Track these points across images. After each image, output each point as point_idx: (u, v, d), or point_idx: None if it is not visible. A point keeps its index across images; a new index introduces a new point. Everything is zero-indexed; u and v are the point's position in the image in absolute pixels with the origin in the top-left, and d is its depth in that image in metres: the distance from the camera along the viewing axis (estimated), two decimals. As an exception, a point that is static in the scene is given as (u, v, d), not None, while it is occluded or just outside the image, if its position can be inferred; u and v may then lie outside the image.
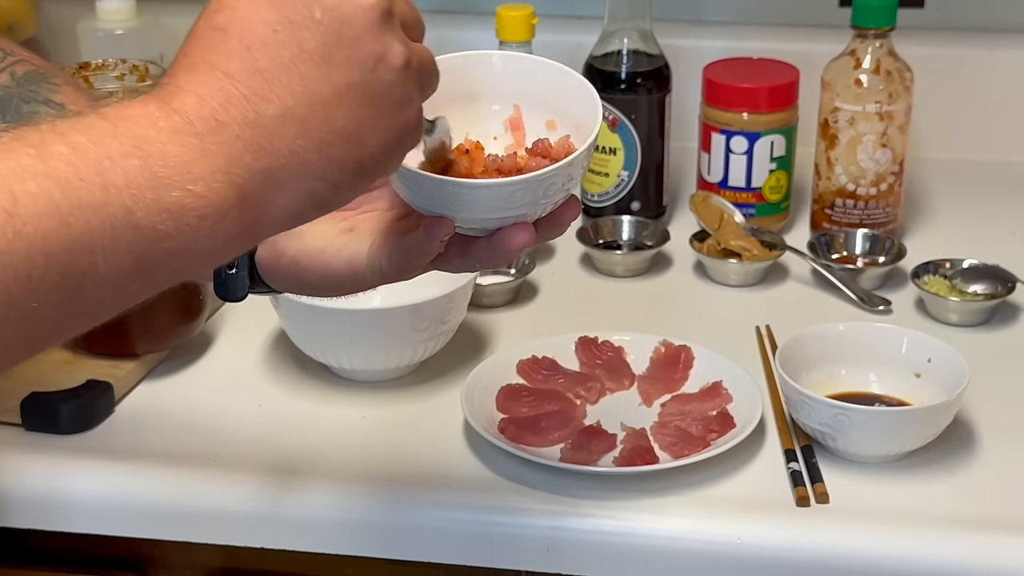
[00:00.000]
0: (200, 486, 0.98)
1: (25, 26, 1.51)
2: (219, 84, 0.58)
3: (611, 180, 1.33)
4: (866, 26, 1.26)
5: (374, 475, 0.98)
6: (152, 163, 0.56)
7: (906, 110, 1.28)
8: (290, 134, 0.59)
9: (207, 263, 0.60)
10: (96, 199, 0.54)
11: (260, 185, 0.59)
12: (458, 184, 0.71)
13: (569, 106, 0.77)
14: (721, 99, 1.31)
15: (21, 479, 0.99)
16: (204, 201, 0.57)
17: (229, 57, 0.58)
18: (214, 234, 0.58)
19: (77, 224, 0.54)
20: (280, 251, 0.77)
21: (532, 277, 1.25)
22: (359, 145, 0.61)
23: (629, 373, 1.09)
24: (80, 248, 0.54)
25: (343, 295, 0.80)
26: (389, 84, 0.61)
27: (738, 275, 1.25)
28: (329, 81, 0.59)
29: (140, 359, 1.09)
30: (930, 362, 1.04)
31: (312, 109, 0.59)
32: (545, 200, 0.73)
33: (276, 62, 0.58)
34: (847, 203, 1.30)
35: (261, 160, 0.58)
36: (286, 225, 0.62)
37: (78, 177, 0.54)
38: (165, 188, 0.56)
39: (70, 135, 0.55)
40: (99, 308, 0.57)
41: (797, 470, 0.97)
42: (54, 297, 0.54)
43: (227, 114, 0.58)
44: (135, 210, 0.55)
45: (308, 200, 0.61)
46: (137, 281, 0.57)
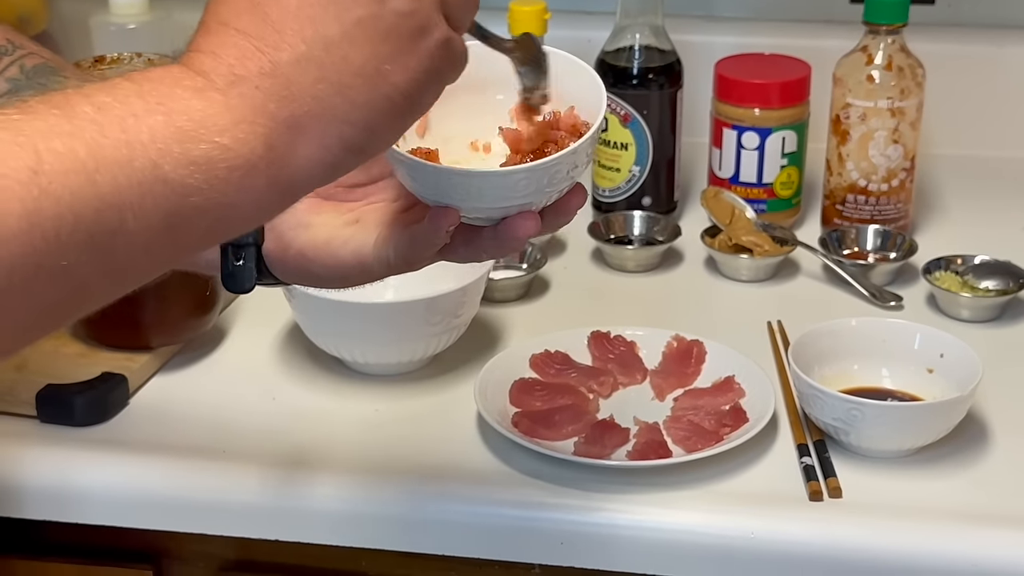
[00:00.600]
0: (214, 478, 0.99)
1: (37, 20, 1.52)
2: (232, 40, 0.58)
3: (622, 175, 1.34)
4: (878, 22, 1.26)
5: (387, 468, 0.99)
6: (176, 118, 0.56)
7: (918, 106, 1.28)
8: (309, 79, 0.58)
9: (239, 220, 0.60)
10: (122, 155, 0.54)
11: (285, 133, 0.58)
12: (462, 173, 0.72)
13: (575, 95, 0.77)
14: (733, 95, 1.32)
15: (36, 471, 1.00)
16: (231, 152, 0.57)
17: (239, 14, 0.59)
18: (244, 187, 0.58)
19: (104, 181, 0.54)
20: (287, 243, 0.77)
21: (543, 272, 1.25)
22: (384, 82, 0.60)
23: (641, 367, 1.09)
24: (108, 206, 0.54)
25: (350, 286, 0.80)
26: (400, 15, 0.60)
27: (749, 271, 1.25)
28: (338, 21, 0.59)
29: (154, 352, 1.10)
30: (943, 357, 1.04)
31: (327, 51, 0.59)
32: (550, 188, 0.73)
33: (284, 10, 0.58)
34: (858, 199, 1.30)
35: (284, 108, 0.58)
36: (320, 176, 0.61)
37: (103, 135, 0.54)
38: (192, 141, 0.56)
39: (95, 96, 0.55)
40: (131, 269, 0.57)
41: (810, 464, 0.97)
42: (84, 256, 0.54)
43: (243, 67, 0.58)
44: (162, 164, 0.55)
45: (339, 145, 0.60)
46: (169, 239, 0.57)
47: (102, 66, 1.20)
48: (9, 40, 0.85)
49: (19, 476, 1.00)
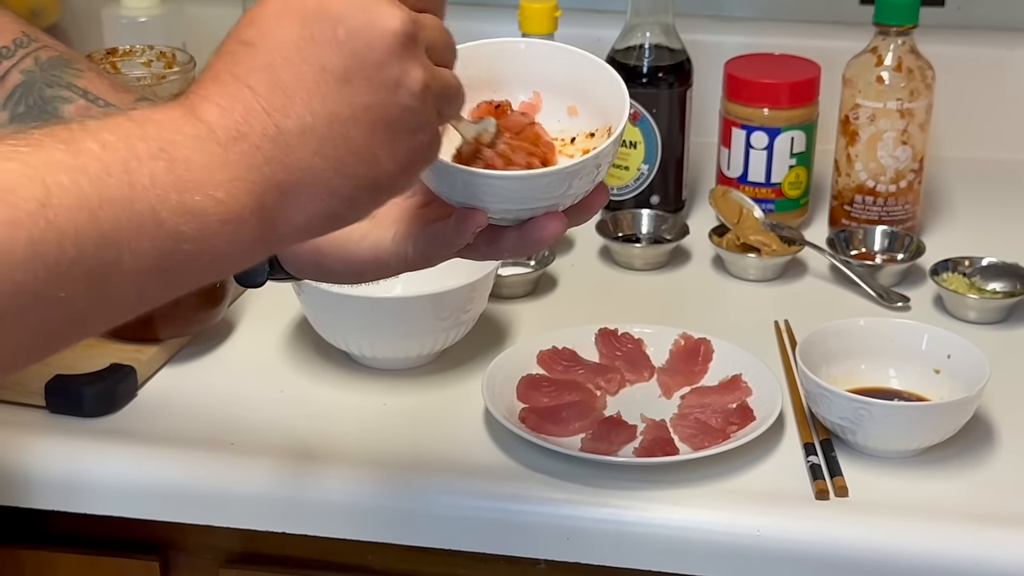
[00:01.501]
0: (221, 470, 0.99)
1: (49, 12, 1.52)
2: (242, 96, 0.60)
3: (631, 174, 1.34)
4: (888, 23, 1.26)
5: (394, 462, 0.99)
6: (177, 167, 0.57)
7: (927, 108, 1.28)
8: (308, 150, 0.60)
9: (227, 267, 0.62)
10: (124, 195, 0.56)
11: (277, 197, 0.60)
12: (491, 176, 0.72)
13: (593, 93, 0.77)
14: (742, 94, 1.32)
15: (44, 461, 1.00)
16: (224, 207, 0.58)
17: (253, 71, 0.60)
18: (233, 240, 0.59)
19: (106, 218, 0.55)
20: None
21: (551, 269, 1.25)
22: (375, 165, 0.62)
23: (649, 365, 1.10)
24: (108, 242, 0.55)
25: (366, 282, 0.80)
26: (406, 109, 0.62)
27: (757, 270, 1.26)
28: (347, 102, 0.61)
29: (163, 344, 1.10)
30: (950, 358, 1.04)
31: (330, 127, 0.60)
32: (577, 189, 0.73)
33: (297, 79, 0.60)
34: (866, 200, 1.30)
35: (279, 172, 0.60)
36: (302, 237, 0.64)
37: (107, 173, 0.55)
38: (189, 191, 0.57)
39: (100, 133, 0.57)
40: (122, 304, 0.59)
41: (816, 464, 0.97)
42: (80, 289, 0.55)
43: (248, 126, 0.59)
44: (160, 210, 0.56)
45: (323, 214, 0.63)
46: (159, 281, 0.59)
47: (114, 58, 1.20)
48: (24, 33, 0.85)
49: (27, 466, 1.00)
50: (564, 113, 0.78)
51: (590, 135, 0.77)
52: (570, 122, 0.78)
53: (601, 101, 0.76)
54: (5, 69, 0.83)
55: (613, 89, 0.76)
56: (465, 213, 0.73)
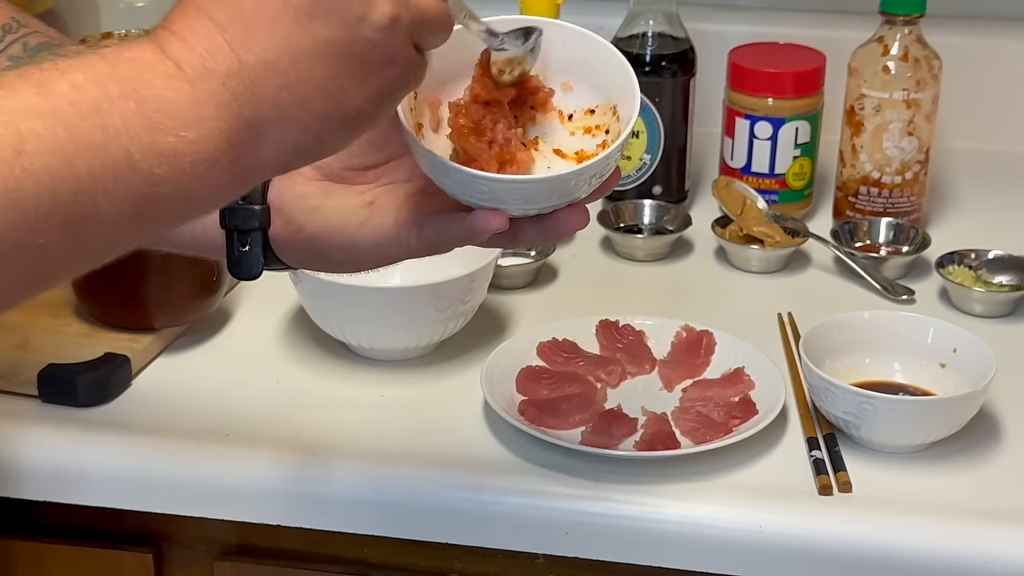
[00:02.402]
0: (216, 462, 0.98)
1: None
2: (206, 31, 0.59)
3: (633, 163, 1.32)
4: (895, 12, 1.24)
5: (392, 454, 0.98)
6: (147, 107, 0.57)
7: (933, 98, 1.26)
8: (272, 86, 0.60)
9: (201, 208, 0.62)
10: (98, 140, 0.55)
11: (246, 134, 0.60)
12: (512, 180, 0.71)
13: (590, 69, 0.76)
14: (746, 84, 1.30)
15: (37, 451, 0.99)
16: (195, 148, 0.58)
17: (218, 4, 0.59)
18: (206, 180, 0.59)
19: (81, 164, 0.55)
20: (298, 226, 0.76)
21: (552, 259, 1.24)
22: (343, 99, 0.61)
23: (650, 357, 1.08)
24: (84, 188, 0.55)
25: (365, 270, 0.79)
26: (372, 43, 0.61)
27: (760, 261, 1.24)
28: (310, 37, 0.60)
29: (158, 333, 1.09)
30: (955, 352, 1.03)
31: (293, 63, 0.60)
32: (597, 182, 0.72)
33: (260, 13, 0.59)
34: (871, 191, 1.29)
35: (247, 109, 0.59)
36: (275, 172, 0.64)
37: (80, 117, 0.55)
38: (160, 133, 0.57)
39: (71, 73, 0.56)
40: (101, 248, 0.59)
41: (820, 458, 0.96)
42: (58, 235, 0.55)
43: (213, 61, 0.59)
44: (133, 153, 0.56)
45: (294, 150, 0.62)
46: (136, 223, 0.58)
47: (108, 42, 1.18)
48: (14, 19, 0.84)
49: (20, 456, 0.99)
50: (558, 88, 0.76)
51: (590, 111, 0.76)
52: (565, 98, 0.76)
53: (599, 78, 0.75)
54: None
55: (615, 67, 0.74)
56: (486, 215, 0.71)
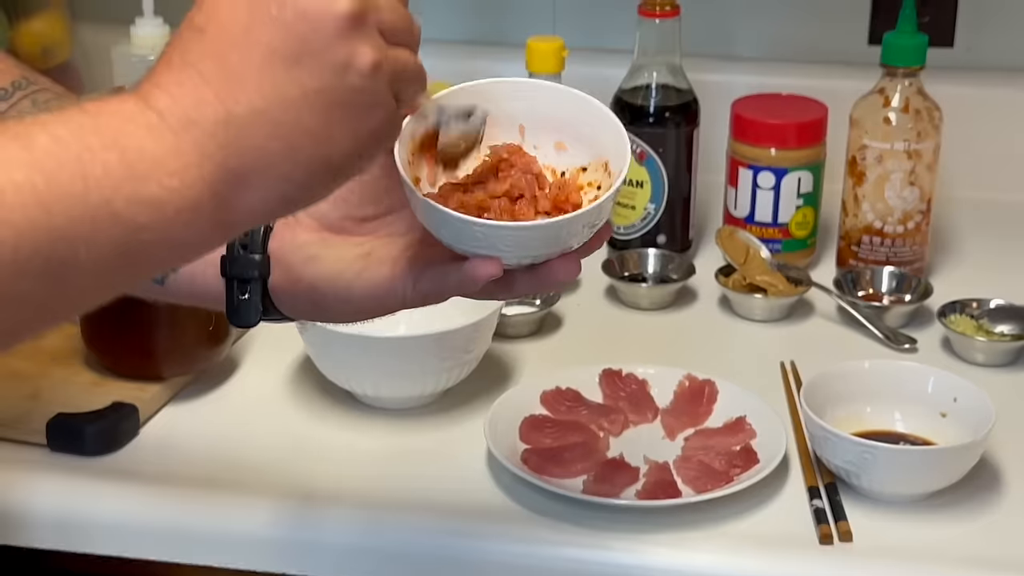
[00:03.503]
0: (222, 510, 0.98)
1: (60, 50, 1.53)
2: (193, 83, 0.60)
3: (637, 213, 1.34)
4: (896, 64, 1.26)
5: (396, 503, 0.98)
6: (129, 156, 0.58)
7: (934, 149, 1.28)
8: (260, 134, 0.60)
9: (187, 254, 0.62)
10: (77, 189, 0.56)
11: (231, 182, 0.60)
12: (511, 227, 0.71)
13: (581, 128, 0.77)
14: (749, 134, 1.32)
15: (45, 499, 1.00)
16: (178, 195, 0.59)
17: (203, 57, 0.60)
18: (190, 226, 0.60)
19: (59, 212, 0.56)
20: (296, 277, 0.78)
21: (557, 308, 1.25)
22: (329, 147, 0.62)
23: (653, 406, 1.09)
24: (63, 237, 0.56)
25: (362, 320, 0.80)
26: (356, 89, 0.62)
27: (763, 310, 1.25)
28: (297, 84, 0.61)
29: (166, 382, 1.10)
30: (956, 402, 1.03)
31: (282, 110, 0.60)
32: (590, 232, 0.73)
33: (247, 63, 0.60)
34: (874, 240, 1.30)
35: (232, 158, 0.60)
36: (260, 220, 0.64)
37: (60, 167, 0.56)
38: (142, 181, 0.58)
39: (52, 127, 0.57)
40: (83, 295, 0.59)
41: (821, 507, 0.97)
42: (39, 284, 0.56)
43: (199, 112, 0.59)
44: (114, 200, 0.57)
45: (278, 197, 0.63)
46: (120, 270, 0.59)
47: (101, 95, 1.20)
48: (24, 76, 0.86)
49: (28, 504, 1.00)
50: (551, 149, 0.78)
51: (582, 169, 0.77)
52: (558, 157, 0.78)
53: (589, 136, 0.76)
54: (1, 111, 0.83)
55: (603, 123, 0.76)
56: (479, 264, 0.72)
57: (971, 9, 1.48)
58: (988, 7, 1.48)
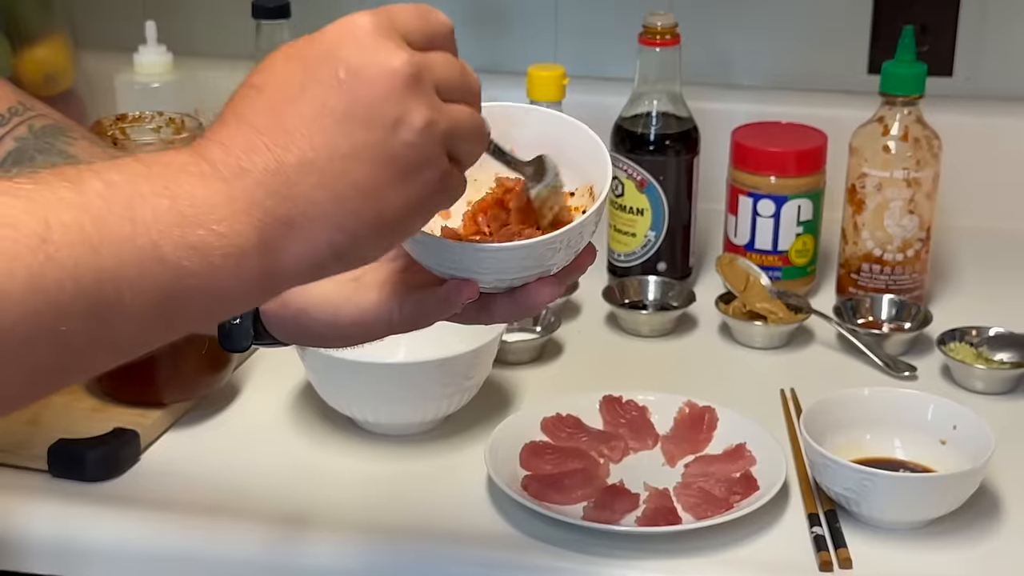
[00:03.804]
0: (223, 537, 0.98)
1: (63, 78, 1.53)
2: (245, 135, 0.61)
3: (638, 240, 1.34)
4: (894, 93, 1.26)
5: (397, 529, 0.98)
6: (180, 203, 0.58)
7: (934, 177, 1.28)
8: (309, 183, 0.61)
9: (230, 306, 0.63)
10: (125, 232, 0.57)
11: (279, 229, 0.61)
12: (486, 248, 0.72)
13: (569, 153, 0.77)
14: (749, 162, 1.32)
15: (45, 525, 1.00)
16: (227, 241, 0.59)
17: (257, 112, 0.62)
18: (236, 275, 0.60)
19: (107, 254, 0.56)
20: (286, 301, 0.78)
21: (557, 335, 1.25)
22: (378, 201, 0.63)
23: (653, 433, 1.09)
24: (109, 278, 0.56)
25: (350, 345, 0.81)
26: (407, 146, 0.62)
27: (763, 338, 1.25)
28: (348, 137, 0.61)
29: (167, 408, 1.10)
30: (956, 429, 1.03)
31: (331, 162, 0.61)
32: (568, 255, 0.74)
33: (299, 117, 0.61)
34: (873, 268, 1.30)
35: (281, 206, 0.61)
36: (306, 274, 0.64)
37: (109, 210, 0.57)
38: (191, 226, 0.58)
39: (106, 173, 0.58)
40: (123, 343, 0.60)
41: (820, 535, 0.97)
42: (81, 325, 0.56)
43: (250, 161, 0.61)
44: (162, 245, 0.58)
45: (327, 249, 0.63)
46: (162, 317, 0.59)
47: (123, 124, 1.21)
48: (20, 102, 0.87)
49: (29, 530, 1.00)
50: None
51: (570, 194, 0.78)
52: None
53: (578, 161, 0.77)
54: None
55: (590, 147, 0.76)
56: (457, 285, 0.73)
57: (970, 39, 1.49)
58: (987, 37, 1.49)
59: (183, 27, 1.59)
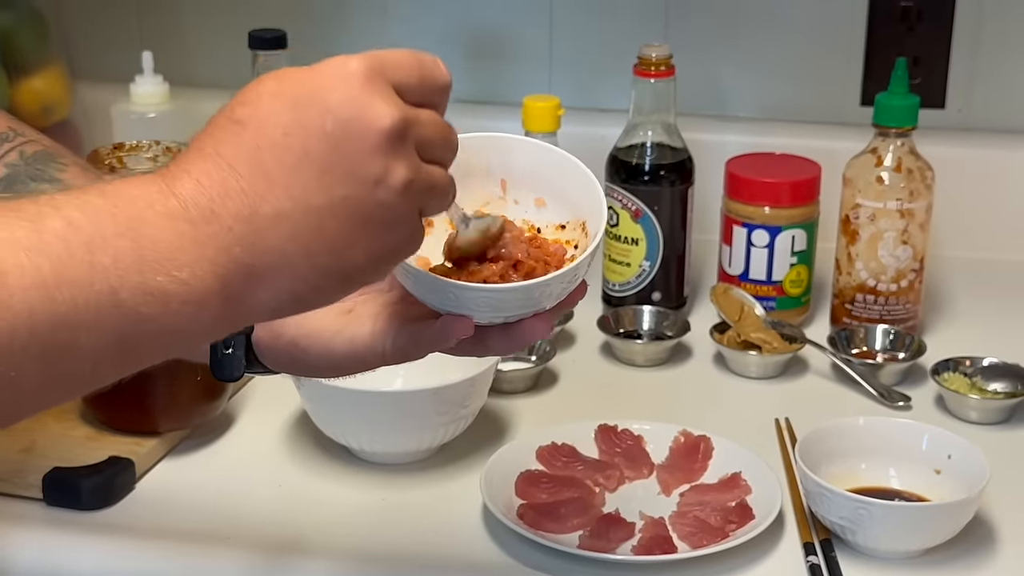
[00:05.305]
0: (218, 565, 0.98)
1: (60, 108, 1.54)
2: (222, 176, 0.60)
3: (633, 270, 1.34)
4: (888, 125, 1.27)
5: (392, 558, 0.98)
6: (143, 245, 0.57)
7: (927, 208, 1.29)
8: (281, 235, 0.60)
9: (187, 346, 0.62)
10: (83, 276, 0.55)
11: (243, 279, 0.60)
12: (483, 289, 0.72)
13: (561, 186, 0.78)
14: (743, 193, 1.33)
15: (40, 554, 1.00)
16: (187, 288, 0.58)
17: (237, 151, 0.60)
18: (194, 320, 0.59)
19: (63, 300, 0.55)
20: (278, 332, 0.78)
21: (552, 364, 1.25)
22: (345, 256, 0.62)
23: (648, 462, 1.09)
24: (64, 324, 0.55)
25: (343, 376, 0.80)
26: (384, 205, 0.62)
27: (758, 367, 1.26)
28: (327, 192, 0.60)
29: (162, 437, 1.10)
30: (950, 459, 1.03)
31: (306, 215, 0.60)
32: (564, 293, 0.74)
33: (280, 164, 0.60)
34: (867, 298, 1.30)
35: (248, 255, 0.60)
36: (264, 318, 0.64)
37: (68, 254, 0.55)
38: (151, 272, 0.57)
39: (66, 210, 0.57)
40: (77, 383, 0.59)
41: (816, 564, 0.97)
42: (33, 369, 0.55)
43: (223, 206, 0.59)
44: (120, 291, 0.56)
45: (288, 298, 0.62)
46: (117, 359, 0.58)
47: (120, 153, 1.22)
48: (11, 128, 0.87)
49: (23, 559, 0.99)
50: (531, 204, 0.79)
51: (560, 227, 0.78)
52: (538, 213, 0.78)
53: (570, 195, 0.77)
54: None
55: (583, 183, 0.77)
56: (452, 321, 0.73)
57: (962, 71, 1.50)
58: (979, 69, 1.50)
59: (180, 57, 1.60)
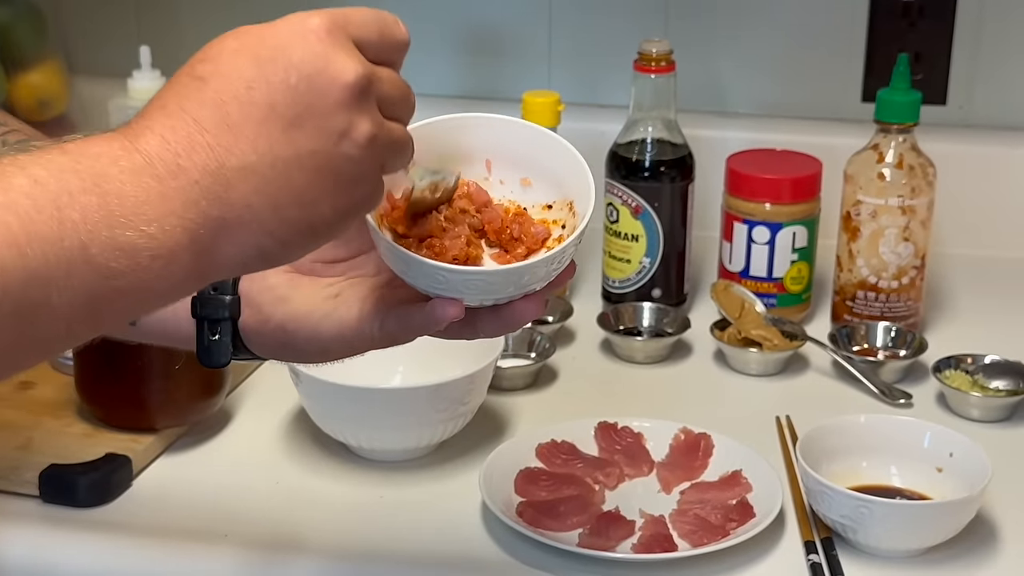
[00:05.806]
0: (215, 563, 0.98)
1: (57, 103, 1.54)
2: (187, 130, 0.60)
3: (633, 267, 1.34)
4: (889, 121, 1.26)
5: (391, 556, 0.98)
6: (109, 201, 0.57)
7: (928, 205, 1.28)
8: (248, 188, 0.61)
9: (158, 302, 0.62)
10: (53, 233, 0.56)
11: (211, 232, 0.60)
12: (475, 272, 0.72)
13: (548, 166, 0.77)
14: (744, 189, 1.32)
15: (37, 551, 0.99)
16: (156, 243, 0.58)
17: (202, 106, 0.60)
18: (165, 275, 0.59)
19: (34, 256, 0.55)
20: (266, 317, 0.78)
21: (552, 361, 1.25)
22: (313, 209, 0.63)
23: (648, 459, 1.09)
24: (35, 280, 0.55)
25: (330, 360, 0.80)
26: (349, 159, 0.63)
27: (758, 364, 1.25)
28: (293, 145, 0.61)
29: (159, 433, 1.09)
30: (952, 457, 1.03)
31: (273, 168, 0.61)
32: (553, 274, 0.74)
33: (246, 118, 0.60)
34: (868, 295, 1.30)
35: (215, 208, 0.60)
36: (233, 272, 0.64)
37: (36, 210, 0.55)
38: (120, 227, 0.57)
39: (31, 168, 0.57)
40: (50, 342, 0.59)
41: (817, 562, 0.96)
42: (7, 327, 0.55)
43: (189, 160, 0.59)
44: (90, 246, 0.57)
45: (256, 252, 0.63)
46: (89, 317, 0.58)
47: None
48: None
49: (19, 557, 0.99)
50: (517, 184, 0.78)
51: (547, 207, 0.78)
52: (523, 193, 0.78)
53: (556, 174, 0.77)
54: None
55: (570, 163, 0.76)
56: (442, 304, 0.72)
57: (964, 67, 1.50)
58: (981, 66, 1.50)
59: (177, 52, 1.59)
